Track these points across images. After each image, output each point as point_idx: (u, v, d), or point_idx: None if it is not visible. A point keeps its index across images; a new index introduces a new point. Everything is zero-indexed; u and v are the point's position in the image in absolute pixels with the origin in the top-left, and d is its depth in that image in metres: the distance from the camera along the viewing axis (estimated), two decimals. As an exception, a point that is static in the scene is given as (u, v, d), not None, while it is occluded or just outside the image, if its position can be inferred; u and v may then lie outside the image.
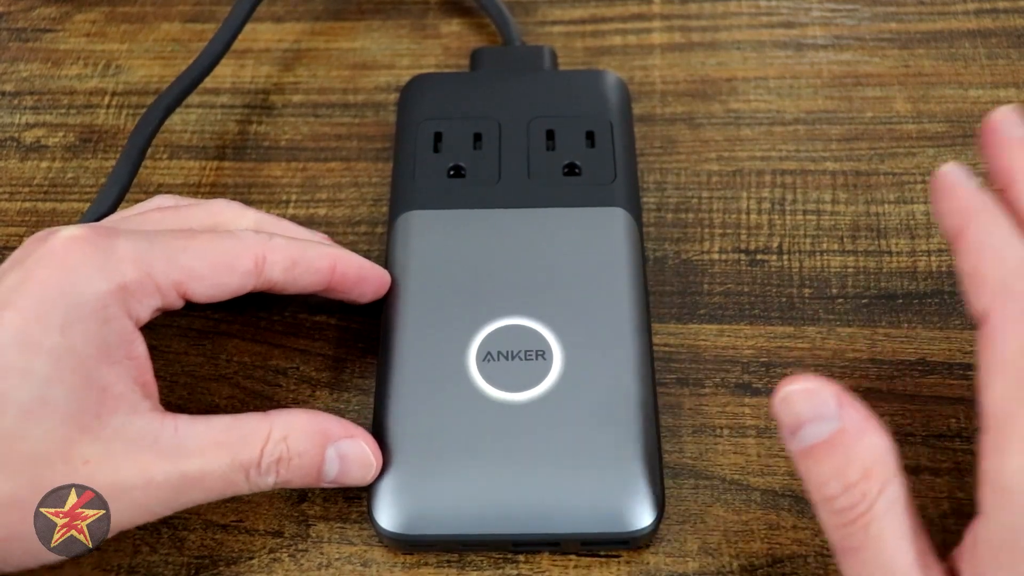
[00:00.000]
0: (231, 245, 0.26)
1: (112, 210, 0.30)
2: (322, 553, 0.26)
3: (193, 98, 0.34)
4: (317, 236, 0.30)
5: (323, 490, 0.28)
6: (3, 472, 0.22)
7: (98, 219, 0.29)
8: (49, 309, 0.23)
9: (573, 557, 0.26)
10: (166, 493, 0.23)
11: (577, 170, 0.31)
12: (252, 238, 0.26)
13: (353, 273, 0.28)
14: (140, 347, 0.24)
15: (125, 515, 0.23)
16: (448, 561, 0.26)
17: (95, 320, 0.23)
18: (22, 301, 0.23)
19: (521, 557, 0.26)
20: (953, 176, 0.23)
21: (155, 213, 0.27)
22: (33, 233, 0.33)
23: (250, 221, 0.28)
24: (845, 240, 0.32)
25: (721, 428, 0.28)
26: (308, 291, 0.28)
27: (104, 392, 0.23)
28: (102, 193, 0.31)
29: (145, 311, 0.24)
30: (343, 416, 0.29)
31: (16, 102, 0.37)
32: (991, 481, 0.20)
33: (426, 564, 0.26)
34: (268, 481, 0.24)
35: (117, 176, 0.31)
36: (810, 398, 0.21)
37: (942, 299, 0.31)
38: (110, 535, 0.23)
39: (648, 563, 0.26)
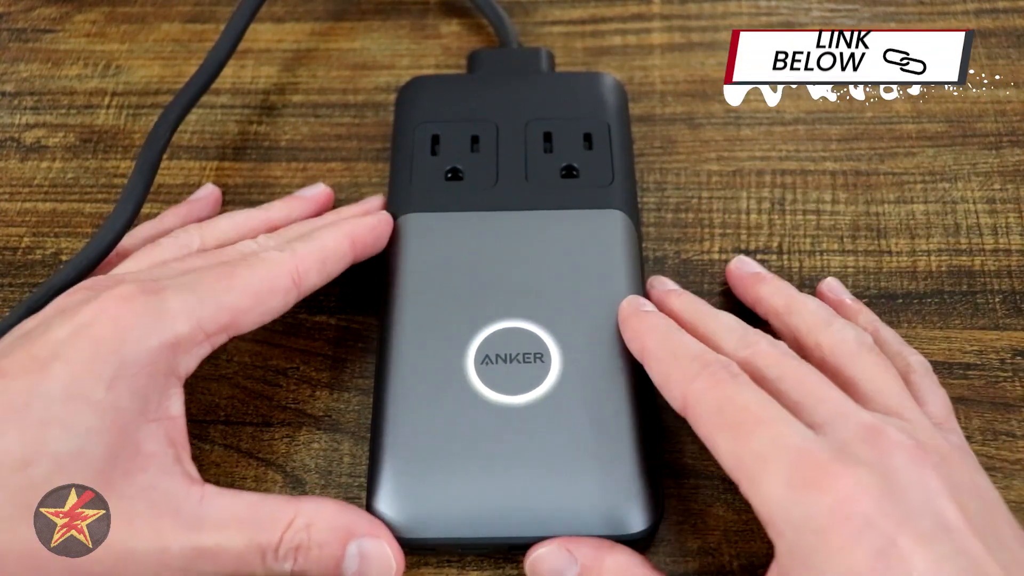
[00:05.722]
0: (266, 271, 0.26)
1: (126, 229, 0.29)
2: (322, 554, 0.27)
3: (193, 98, 0.34)
4: (315, 190, 0.30)
5: (322, 487, 0.28)
6: (26, 522, 0.22)
7: (116, 238, 0.28)
8: (100, 365, 0.23)
9: (572, 558, 0.26)
10: (179, 563, 0.22)
11: (575, 172, 0.31)
12: (280, 257, 0.26)
13: (370, 238, 0.29)
14: (178, 406, 0.24)
15: None
16: (448, 561, 0.26)
17: (142, 378, 0.23)
18: (73, 355, 0.23)
19: (521, 558, 0.26)
20: (629, 308, 0.27)
21: (195, 258, 0.27)
22: (34, 233, 0.33)
23: (270, 240, 0.28)
24: (845, 240, 0.32)
25: (720, 429, 0.28)
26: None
27: (137, 450, 0.23)
28: (115, 213, 0.29)
29: (194, 361, 0.25)
30: (343, 416, 0.29)
31: (16, 102, 0.37)
32: (765, 523, 0.22)
33: (426, 564, 0.26)
34: (285, 567, 0.23)
35: (130, 193, 0.30)
36: (548, 559, 0.24)
37: (942, 299, 0.31)
38: None
39: (647, 564, 0.26)
